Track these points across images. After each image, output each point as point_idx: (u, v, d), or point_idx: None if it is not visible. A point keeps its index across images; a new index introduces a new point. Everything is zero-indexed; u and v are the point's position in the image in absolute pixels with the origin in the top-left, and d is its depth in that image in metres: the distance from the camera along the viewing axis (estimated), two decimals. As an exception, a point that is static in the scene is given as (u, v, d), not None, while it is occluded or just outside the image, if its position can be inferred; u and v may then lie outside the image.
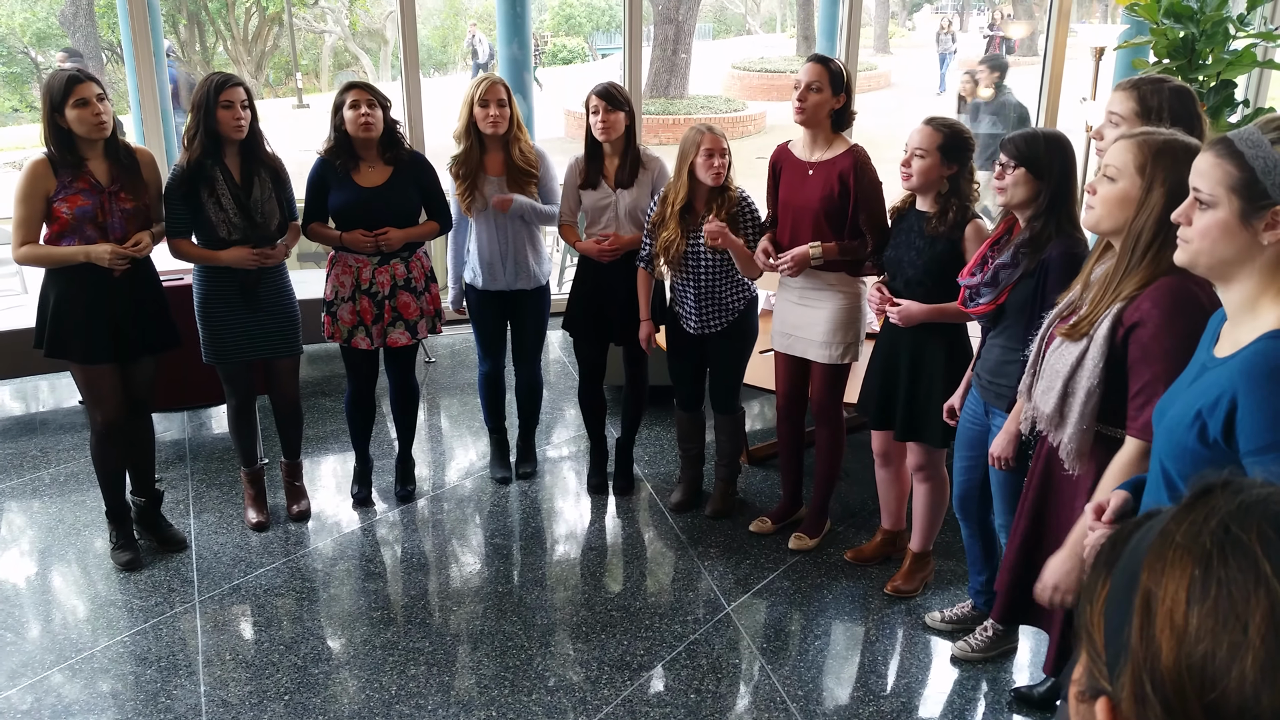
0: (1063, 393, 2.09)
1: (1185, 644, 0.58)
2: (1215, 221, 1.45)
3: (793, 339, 3.41)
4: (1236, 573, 0.58)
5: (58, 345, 3.24)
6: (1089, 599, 0.68)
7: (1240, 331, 1.49)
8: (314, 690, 2.90)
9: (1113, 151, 1.97)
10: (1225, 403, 1.44)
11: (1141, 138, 1.94)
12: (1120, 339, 1.98)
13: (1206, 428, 1.46)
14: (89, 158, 3.15)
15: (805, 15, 17.19)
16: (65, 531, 3.73)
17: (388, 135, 3.52)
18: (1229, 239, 1.45)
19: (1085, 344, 2.03)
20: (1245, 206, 1.42)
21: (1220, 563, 0.59)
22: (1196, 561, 0.60)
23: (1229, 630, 0.57)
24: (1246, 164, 1.42)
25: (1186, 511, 0.64)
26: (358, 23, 19.96)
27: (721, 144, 3.34)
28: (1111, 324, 1.99)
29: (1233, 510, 0.61)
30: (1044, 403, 2.14)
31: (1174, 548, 0.62)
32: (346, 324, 3.63)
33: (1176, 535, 0.62)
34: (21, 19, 15.90)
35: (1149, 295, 1.93)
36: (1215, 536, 0.60)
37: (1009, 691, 2.91)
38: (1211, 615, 0.58)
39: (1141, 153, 1.91)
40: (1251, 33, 4.97)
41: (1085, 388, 2.04)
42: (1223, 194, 1.44)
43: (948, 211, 2.89)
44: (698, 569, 3.52)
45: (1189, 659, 0.58)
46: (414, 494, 3.99)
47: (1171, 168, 1.88)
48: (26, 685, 2.90)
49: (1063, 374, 2.08)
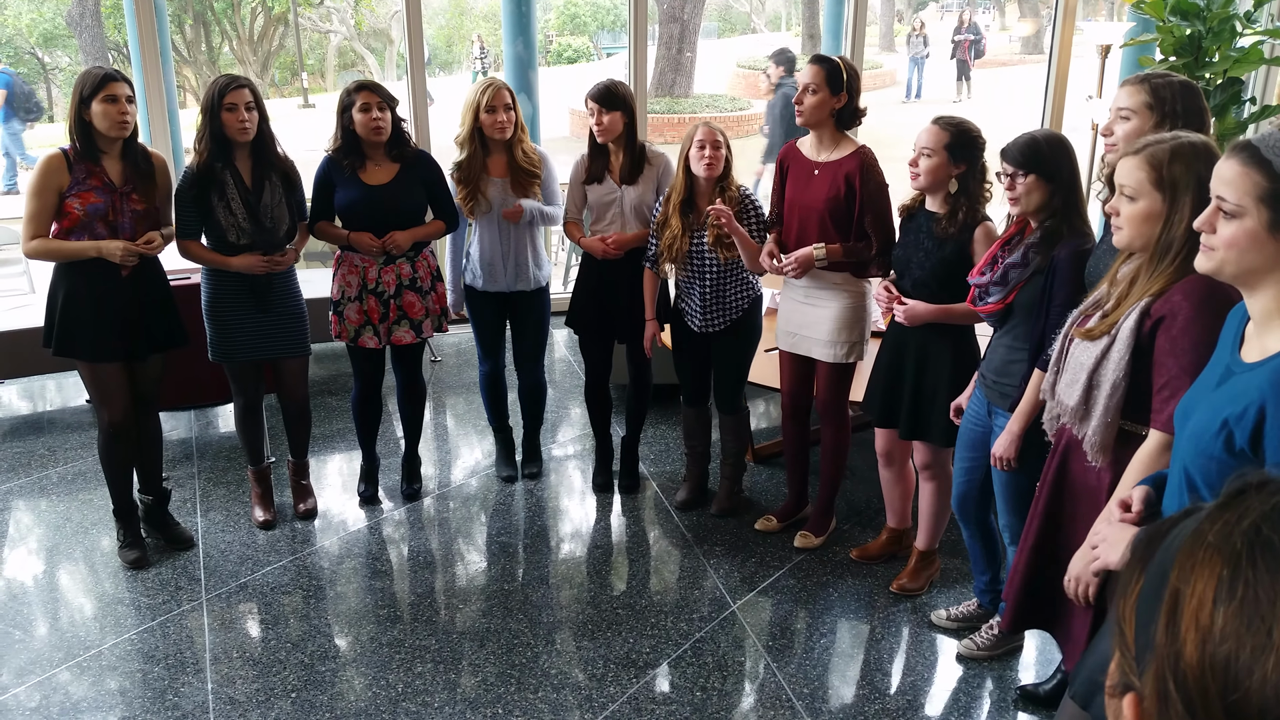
0: (1088, 385, 2.06)
1: (1209, 643, 0.57)
2: (1243, 232, 1.42)
3: (798, 338, 3.41)
4: (1265, 574, 0.57)
5: (65, 343, 3.26)
6: (1123, 594, 0.67)
7: (1268, 338, 1.46)
8: (321, 688, 2.90)
9: (1123, 170, 1.94)
10: (1254, 413, 1.42)
11: (1147, 151, 1.90)
12: (1147, 331, 1.96)
13: (1233, 436, 1.44)
14: (106, 154, 3.17)
15: (810, 14, 17.17)
16: (73, 530, 3.74)
17: (395, 134, 3.52)
18: (1258, 249, 1.42)
19: (1110, 337, 2.01)
20: (1275, 217, 1.39)
21: (1249, 563, 0.58)
22: (1226, 561, 0.59)
23: (1253, 632, 0.56)
24: (1275, 173, 1.38)
25: (1221, 510, 0.63)
26: (363, 22, 20.00)
27: (714, 136, 3.35)
28: (1139, 317, 1.96)
29: (1267, 511, 0.60)
30: (1068, 396, 2.11)
31: (1205, 547, 0.61)
32: (353, 323, 3.64)
33: (1209, 534, 0.62)
34: (28, 20, 15.96)
35: (1180, 288, 1.90)
36: (1247, 537, 0.60)
37: (1014, 690, 2.91)
38: (1237, 616, 0.57)
39: (1153, 166, 1.88)
40: (1258, 30, 4.96)
41: (1111, 380, 2.02)
42: (1251, 204, 1.41)
43: (957, 212, 2.88)
44: (703, 567, 3.52)
45: (1212, 659, 0.57)
46: (420, 492, 4.00)
47: (1188, 171, 1.85)
48: (34, 683, 2.92)
49: (1088, 367, 2.05)
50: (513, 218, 3.63)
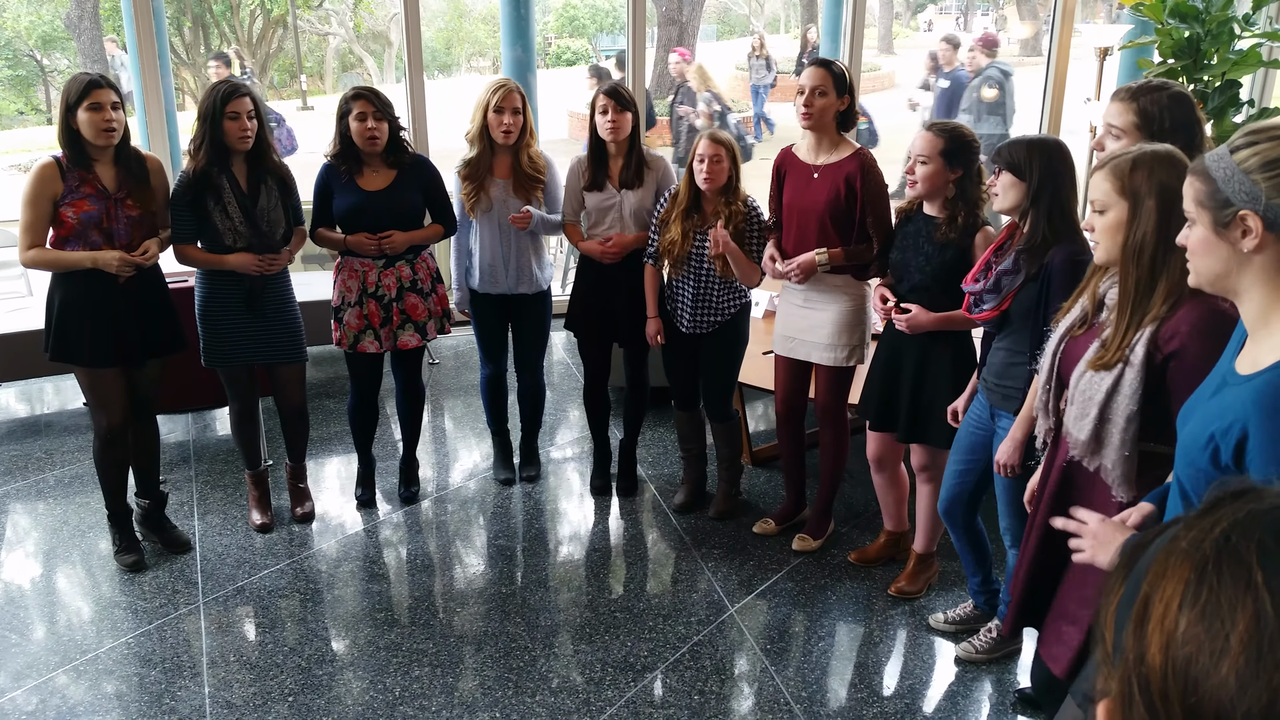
0: (1098, 419, 2.01)
1: (1172, 647, 0.59)
2: (1199, 238, 1.48)
3: (795, 342, 3.41)
4: (1228, 581, 0.59)
5: (62, 348, 3.25)
6: (1105, 602, 0.69)
7: (1260, 349, 1.48)
8: (318, 692, 2.90)
9: (1093, 186, 1.99)
10: (1237, 430, 1.43)
11: (1112, 164, 1.96)
12: (1159, 364, 1.92)
13: (1219, 451, 1.46)
14: (97, 161, 3.16)
15: (809, 16, 17.18)
16: (70, 533, 3.74)
17: (392, 142, 3.52)
18: (1212, 252, 1.47)
19: (1120, 369, 1.97)
20: (1215, 216, 1.44)
21: (1215, 570, 0.59)
22: (1194, 568, 0.61)
23: (1213, 636, 0.57)
24: (1210, 176, 1.44)
25: (1197, 519, 0.64)
26: (362, 25, 20.00)
27: (716, 150, 3.35)
28: (1148, 348, 1.93)
29: (1240, 519, 0.62)
30: (1078, 430, 2.05)
31: (1176, 554, 0.62)
32: (353, 328, 3.64)
33: (1182, 542, 0.63)
34: (27, 22, 15.96)
35: (1185, 320, 1.88)
36: (1216, 545, 0.61)
37: (1013, 692, 2.91)
38: (1199, 620, 0.58)
39: (1117, 176, 1.93)
40: (1257, 32, 4.96)
41: (1125, 413, 1.96)
42: (1194, 209, 1.48)
43: (956, 216, 2.89)
44: (701, 570, 3.52)
45: (1174, 661, 0.58)
46: (418, 495, 4.00)
47: (1149, 178, 1.89)
48: (31, 686, 2.91)
49: (1097, 400, 2.00)
50: (520, 224, 3.63)
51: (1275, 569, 0.58)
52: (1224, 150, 1.45)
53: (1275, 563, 0.58)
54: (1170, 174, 1.86)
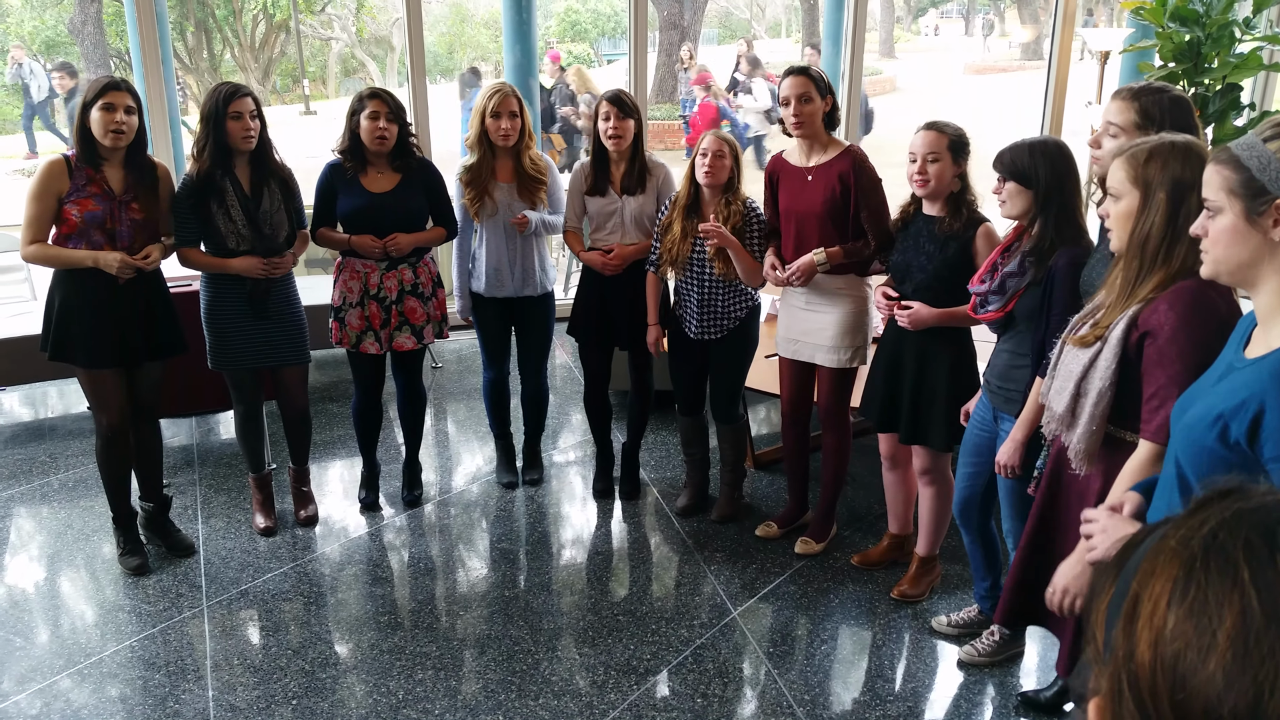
0: (1075, 393, 2.08)
1: (1160, 644, 0.59)
2: (1225, 227, 1.48)
3: (799, 344, 3.41)
4: (1216, 578, 0.59)
5: (61, 348, 3.26)
6: (1096, 601, 0.69)
7: (1272, 334, 1.50)
8: (321, 695, 2.90)
9: (1111, 173, 2.00)
10: (1253, 406, 1.44)
11: (1129, 152, 1.96)
12: (1134, 342, 1.97)
13: (1228, 429, 1.46)
14: (107, 162, 3.17)
15: (810, 20, 17.20)
16: (74, 537, 3.75)
17: (401, 145, 3.54)
18: (1241, 241, 1.47)
19: (1099, 345, 2.03)
20: (1247, 205, 1.45)
21: (1203, 568, 0.60)
22: (1182, 565, 0.61)
23: (1200, 633, 0.58)
24: (1242, 165, 1.45)
25: (1187, 517, 0.65)
26: (364, 29, 20.04)
27: (719, 146, 3.38)
28: (1126, 326, 1.98)
29: (1227, 518, 0.62)
30: (1057, 403, 2.13)
31: (1165, 552, 0.63)
32: (355, 329, 3.65)
33: (1171, 540, 0.64)
34: (30, 27, 16.00)
35: (1166, 299, 1.92)
36: (1204, 542, 0.62)
37: (1016, 696, 2.90)
38: (1187, 617, 0.59)
39: (1132, 165, 1.94)
40: (1257, 36, 4.97)
41: (1097, 389, 2.04)
42: (1224, 198, 1.47)
43: (960, 209, 2.91)
44: (704, 573, 3.52)
45: (1163, 658, 0.59)
46: (421, 499, 4.00)
47: (1164, 169, 1.89)
48: (35, 690, 2.92)
49: (1075, 375, 2.07)
50: (520, 227, 3.64)
51: (1261, 566, 0.59)
52: (1253, 139, 1.46)
53: (1261, 560, 0.59)
54: (1184, 167, 1.87)
